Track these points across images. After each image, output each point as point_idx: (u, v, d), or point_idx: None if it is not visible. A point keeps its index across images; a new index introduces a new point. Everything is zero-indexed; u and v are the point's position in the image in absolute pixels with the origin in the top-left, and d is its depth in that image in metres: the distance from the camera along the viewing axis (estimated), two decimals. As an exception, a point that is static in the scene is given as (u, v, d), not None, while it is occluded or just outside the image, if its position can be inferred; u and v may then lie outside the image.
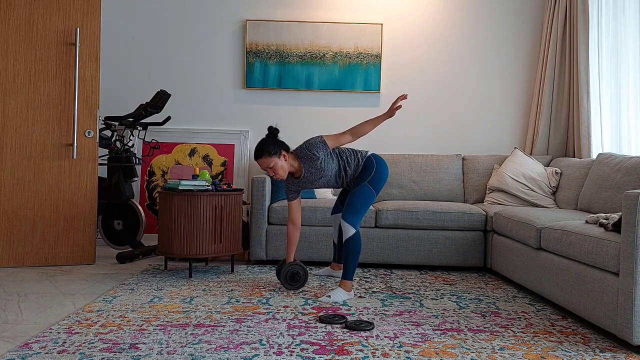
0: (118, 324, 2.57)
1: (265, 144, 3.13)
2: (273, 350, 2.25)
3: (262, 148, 3.12)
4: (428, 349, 2.31)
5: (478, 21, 4.96)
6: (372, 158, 3.28)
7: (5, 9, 3.81)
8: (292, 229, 3.32)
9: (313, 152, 3.13)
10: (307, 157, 3.15)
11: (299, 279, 3.27)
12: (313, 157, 3.14)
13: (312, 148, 3.14)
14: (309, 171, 3.18)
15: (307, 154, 3.15)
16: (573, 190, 4.01)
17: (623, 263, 2.35)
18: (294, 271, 3.26)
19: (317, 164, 3.15)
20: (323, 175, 3.21)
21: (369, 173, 3.22)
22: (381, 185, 3.25)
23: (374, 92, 4.92)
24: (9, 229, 3.82)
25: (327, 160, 3.17)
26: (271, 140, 3.16)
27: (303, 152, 3.16)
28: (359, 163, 3.26)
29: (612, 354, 2.32)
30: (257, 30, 4.91)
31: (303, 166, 3.18)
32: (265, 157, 3.11)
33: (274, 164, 3.12)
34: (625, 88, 4.11)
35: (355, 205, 3.15)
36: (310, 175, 3.20)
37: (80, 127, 3.94)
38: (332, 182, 3.29)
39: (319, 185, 3.29)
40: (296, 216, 3.32)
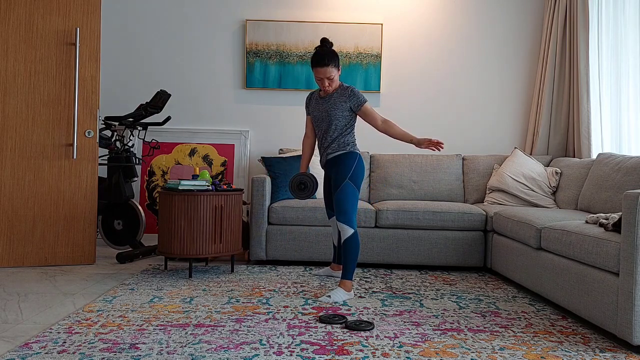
0: (118, 324, 2.57)
1: (332, 53, 3.18)
2: (273, 350, 2.25)
3: (329, 56, 3.16)
4: (428, 349, 2.31)
5: (478, 21, 4.96)
6: (357, 153, 3.29)
7: (5, 9, 3.81)
8: (306, 141, 3.49)
9: (351, 92, 3.21)
10: (344, 88, 3.24)
11: (307, 188, 3.33)
12: (347, 94, 3.21)
13: (354, 90, 3.23)
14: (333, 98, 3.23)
15: (347, 88, 3.23)
16: (573, 190, 4.01)
17: (623, 263, 2.35)
18: (302, 180, 3.33)
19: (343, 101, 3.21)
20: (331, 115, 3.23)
21: (350, 167, 3.21)
22: (361, 179, 3.26)
23: (374, 92, 4.92)
24: (9, 229, 3.82)
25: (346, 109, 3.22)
26: (334, 52, 3.20)
27: (346, 85, 3.26)
28: (346, 142, 3.27)
29: (612, 354, 2.32)
30: (257, 30, 4.91)
31: (335, 91, 3.25)
32: (331, 66, 3.16)
33: (335, 76, 3.20)
34: (625, 88, 4.11)
35: (344, 206, 3.16)
36: (326, 103, 3.25)
37: (80, 127, 3.94)
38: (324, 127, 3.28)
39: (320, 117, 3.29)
40: (309, 130, 3.48)
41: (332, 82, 3.21)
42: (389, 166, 4.61)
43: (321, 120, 3.31)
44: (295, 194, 3.34)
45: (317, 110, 3.33)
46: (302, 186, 3.33)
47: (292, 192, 3.36)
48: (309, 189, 3.32)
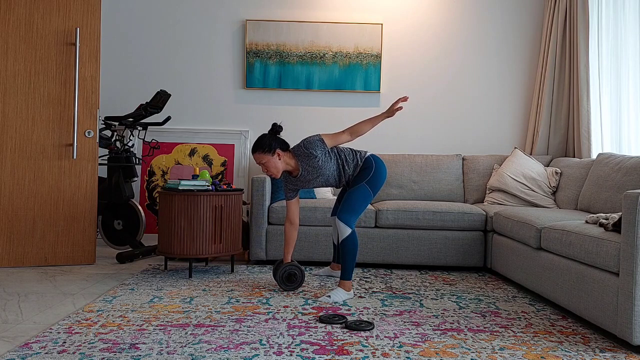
0: (118, 324, 2.57)
1: (262, 140, 3.15)
2: (273, 350, 2.25)
3: (258, 143, 3.15)
4: (428, 349, 2.31)
5: (478, 21, 4.96)
6: (371, 158, 3.27)
7: (5, 9, 3.81)
8: (289, 229, 3.32)
9: (310, 151, 3.12)
10: (304, 156, 3.14)
11: (295, 280, 3.26)
12: (310, 155, 3.13)
13: (309, 147, 3.12)
14: (306, 170, 3.18)
15: (305, 152, 3.13)
16: (573, 190, 4.01)
17: (623, 263, 2.35)
18: (291, 272, 3.25)
19: (314, 162, 3.14)
20: (321, 175, 3.19)
21: (368, 173, 3.22)
22: (379, 186, 3.25)
23: (374, 92, 4.92)
24: (9, 229, 3.82)
25: (325, 159, 3.16)
26: (269, 137, 3.16)
27: (300, 150, 3.15)
28: (357, 163, 3.26)
29: (612, 354, 2.32)
30: (257, 30, 4.91)
31: (300, 165, 3.17)
32: (259, 152, 3.13)
33: (267, 161, 3.13)
34: (625, 88, 4.11)
35: (352, 204, 3.15)
36: (307, 175, 3.19)
37: (80, 127, 3.94)
38: (331, 182, 3.28)
39: (316, 185, 3.28)
40: (294, 215, 3.31)
41: (269, 167, 3.13)
42: (389, 166, 4.61)
43: (327, 183, 3.26)
44: (284, 285, 3.24)
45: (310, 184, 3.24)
46: (291, 278, 3.25)
47: (279, 284, 3.25)
48: (297, 281, 3.26)
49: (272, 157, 3.13)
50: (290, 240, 3.32)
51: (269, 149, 3.12)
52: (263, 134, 3.20)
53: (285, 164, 3.17)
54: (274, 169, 3.15)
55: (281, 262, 3.36)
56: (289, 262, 3.27)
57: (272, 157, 3.13)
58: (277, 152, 3.13)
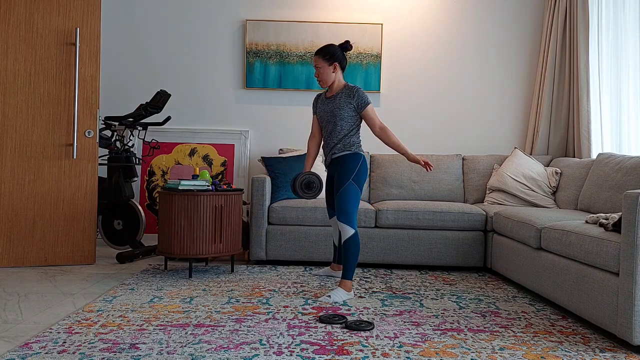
0: (118, 324, 2.57)
1: (330, 47, 3.29)
2: (273, 350, 2.25)
3: (325, 48, 3.29)
4: (428, 349, 2.31)
5: (478, 21, 4.96)
6: (362, 154, 3.29)
7: (5, 9, 3.81)
8: (312, 141, 3.47)
9: (356, 92, 3.22)
10: (349, 88, 3.25)
11: (314, 187, 3.30)
12: (352, 95, 3.22)
13: (358, 90, 3.23)
14: (339, 97, 3.25)
15: (352, 89, 3.24)
16: (573, 190, 4.01)
17: (623, 263, 2.35)
18: (310, 180, 3.30)
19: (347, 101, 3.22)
20: (339, 113, 3.24)
21: (354, 168, 3.22)
22: (364, 180, 3.27)
23: (374, 92, 4.92)
24: (9, 229, 3.82)
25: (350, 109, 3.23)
26: (336, 49, 3.29)
27: (351, 85, 3.27)
28: (352, 144, 3.27)
29: (612, 354, 2.32)
30: (257, 30, 4.91)
31: (340, 93, 3.27)
32: (321, 56, 3.28)
33: (322, 67, 3.27)
34: (625, 88, 4.11)
35: (345, 206, 3.16)
36: (337, 100, 3.26)
37: (80, 127, 3.94)
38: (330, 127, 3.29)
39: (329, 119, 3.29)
40: (316, 130, 3.46)
41: (321, 73, 3.28)
42: (389, 166, 4.61)
43: (327, 121, 3.31)
44: (301, 192, 3.29)
45: (323, 111, 3.34)
46: (311, 185, 3.29)
47: (297, 191, 3.29)
48: (316, 188, 3.30)
49: (328, 67, 3.27)
50: (312, 152, 3.46)
51: (331, 58, 3.26)
52: (333, 44, 3.32)
53: (333, 79, 3.29)
54: (326, 77, 3.28)
55: (299, 173, 3.38)
56: (308, 172, 3.33)
57: (328, 67, 3.27)
58: (335, 64, 3.27)
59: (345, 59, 3.34)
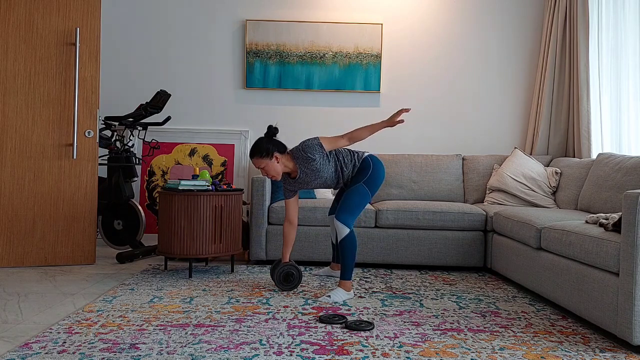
0: (118, 324, 2.57)
1: (259, 144, 3.14)
2: (273, 350, 2.25)
3: (255, 148, 3.14)
4: (428, 349, 2.31)
5: (478, 21, 4.96)
6: (368, 159, 3.27)
7: (5, 9, 3.81)
8: (288, 228, 3.31)
9: (308, 155, 3.11)
10: (302, 159, 3.14)
11: (293, 280, 3.25)
12: (309, 159, 3.12)
13: (307, 150, 3.12)
14: (304, 172, 3.18)
15: (303, 156, 3.13)
16: (573, 190, 4.01)
17: (623, 263, 2.35)
18: (288, 272, 3.25)
19: (312, 165, 3.14)
20: (319, 177, 3.19)
21: (365, 174, 3.22)
22: (377, 186, 3.25)
23: (374, 92, 4.92)
24: (9, 229, 3.82)
25: (323, 162, 3.16)
26: (265, 141, 3.15)
27: (299, 153, 3.15)
28: (355, 164, 3.26)
29: (612, 354, 2.32)
30: (257, 30, 4.91)
31: (299, 167, 3.16)
32: (257, 157, 3.13)
33: (265, 165, 3.13)
34: (625, 88, 4.11)
35: (350, 205, 3.15)
36: (305, 177, 3.19)
37: (80, 127, 3.94)
38: (329, 183, 3.28)
39: (315, 186, 3.28)
40: (293, 215, 3.31)
41: (269, 171, 3.13)
42: (389, 166, 4.61)
43: (325, 184, 3.27)
44: (281, 285, 3.25)
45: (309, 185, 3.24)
46: (289, 278, 3.24)
47: (276, 284, 3.26)
48: (294, 281, 3.25)
49: (270, 161, 3.12)
50: (289, 240, 3.31)
51: (267, 153, 3.11)
52: (260, 138, 3.18)
53: (283, 167, 3.17)
54: (274, 172, 3.15)
55: (279, 261, 3.35)
56: (287, 262, 3.27)
57: (270, 161, 3.12)
58: (275, 155, 3.12)
59: (278, 142, 3.17)
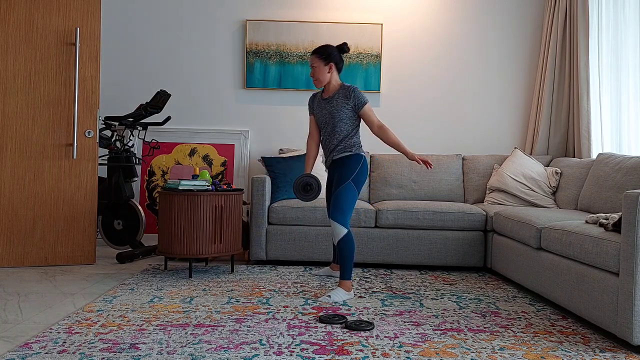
0: (118, 324, 2.57)
1: (327, 47, 3.29)
2: (273, 350, 2.25)
3: (321, 48, 3.29)
4: (428, 349, 2.31)
5: (478, 21, 4.96)
6: (362, 155, 3.29)
7: (5, 9, 3.81)
8: (310, 143, 3.44)
9: (352, 93, 3.21)
10: (346, 90, 3.24)
11: (311, 189, 3.29)
12: (349, 95, 3.21)
13: (355, 90, 3.22)
14: (335, 99, 3.25)
15: (348, 89, 3.24)
16: (573, 190, 4.01)
17: (623, 263, 2.35)
18: (308, 182, 3.29)
19: (344, 102, 3.22)
20: (334, 116, 3.23)
21: (353, 170, 3.22)
22: (363, 182, 3.27)
23: (374, 92, 4.92)
24: (9, 229, 3.82)
25: (350, 110, 3.23)
26: (333, 49, 3.29)
27: (348, 86, 3.26)
28: (352, 145, 3.27)
29: (612, 354, 2.32)
30: (257, 30, 4.91)
31: (336, 93, 3.26)
32: (317, 55, 3.27)
33: (318, 66, 3.27)
34: (625, 88, 4.11)
35: (341, 205, 3.16)
36: (329, 104, 3.26)
37: (80, 127, 3.94)
38: (329, 129, 3.28)
39: (323, 119, 3.30)
40: (314, 132, 3.43)
41: (316, 72, 3.27)
42: (389, 166, 4.61)
43: (325, 123, 3.31)
44: (300, 195, 3.29)
45: (321, 113, 3.33)
46: (308, 187, 3.29)
47: (296, 194, 3.31)
48: (314, 190, 3.29)
49: (324, 66, 3.26)
50: (311, 153, 3.44)
51: (327, 58, 3.26)
52: (330, 45, 3.32)
53: (329, 79, 3.29)
54: (321, 76, 3.27)
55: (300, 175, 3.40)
56: (307, 174, 3.33)
57: (324, 66, 3.26)
58: (331, 65, 3.27)
59: (342, 61, 3.33)
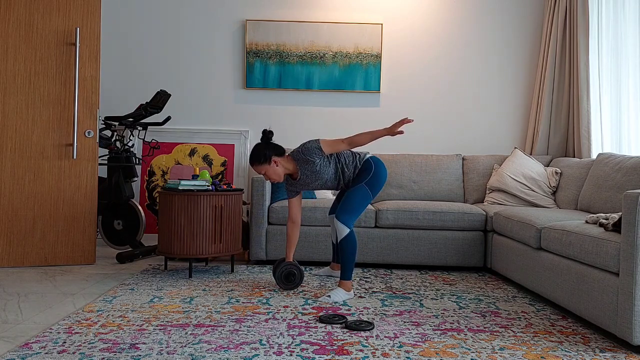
0: (118, 324, 2.57)
1: (257, 151, 3.17)
2: (273, 350, 2.25)
3: (253, 155, 3.18)
4: (428, 349, 2.31)
5: (478, 21, 4.96)
6: (370, 160, 3.28)
7: (5, 9, 3.81)
8: (291, 227, 3.33)
9: (308, 157, 3.13)
10: (303, 161, 3.16)
11: (294, 279, 3.26)
12: (308, 161, 3.15)
13: (307, 153, 3.14)
14: (305, 174, 3.20)
15: (303, 158, 3.15)
16: (573, 190, 4.01)
17: (623, 263, 2.35)
18: (290, 271, 3.25)
19: (312, 167, 3.16)
20: (319, 178, 3.21)
21: (367, 175, 3.22)
22: (379, 187, 3.25)
23: (374, 92, 4.92)
24: (9, 229, 3.82)
25: (323, 164, 3.18)
26: (263, 147, 3.18)
27: (299, 155, 3.17)
28: (357, 165, 3.27)
29: (612, 354, 2.32)
30: (257, 30, 4.91)
31: (299, 169, 3.19)
32: (256, 164, 3.17)
33: (266, 171, 3.18)
34: (625, 88, 4.11)
35: (350, 205, 3.16)
36: (306, 178, 3.21)
37: (80, 127, 3.94)
38: (330, 184, 3.29)
39: (316, 187, 3.29)
40: (296, 214, 3.32)
41: (270, 175, 3.18)
42: (389, 166, 4.61)
43: (324, 185, 3.28)
44: (282, 284, 3.25)
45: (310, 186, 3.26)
46: (290, 277, 3.25)
47: (278, 283, 3.26)
48: (296, 280, 3.26)
49: (270, 166, 3.17)
50: (292, 239, 3.33)
51: (265, 159, 3.15)
52: (257, 144, 3.21)
53: (284, 169, 3.20)
54: (275, 176, 3.19)
55: (282, 260, 3.36)
56: (289, 262, 3.28)
57: (270, 166, 3.17)
58: (274, 159, 3.17)
59: (275, 145, 3.21)
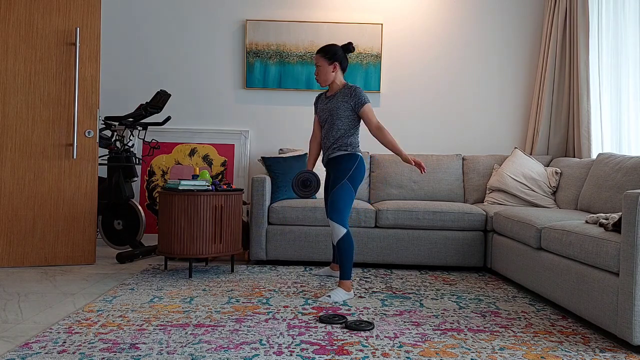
0: (118, 324, 2.57)
1: (332, 47, 3.32)
2: (273, 350, 2.25)
3: (326, 48, 3.32)
4: (428, 349, 2.31)
5: (478, 21, 4.96)
6: (359, 155, 3.30)
7: (5, 9, 3.81)
8: (312, 141, 3.52)
9: (353, 92, 3.23)
10: (348, 90, 3.26)
11: (310, 185, 3.31)
12: (351, 95, 3.23)
13: (357, 90, 3.24)
14: (336, 99, 3.28)
15: (350, 89, 3.26)
16: (573, 190, 4.01)
17: (623, 263, 2.35)
18: (306, 177, 3.31)
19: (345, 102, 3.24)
20: (334, 114, 3.26)
21: (351, 166, 3.23)
22: (359, 181, 3.28)
23: (374, 92, 4.92)
24: (9, 229, 3.82)
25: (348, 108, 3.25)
26: (338, 49, 3.32)
27: (351, 85, 3.29)
28: (349, 144, 3.27)
29: (612, 354, 2.32)
30: (257, 30, 4.91)
31: (339, 92, 3.29)
32: (321, 54, 3.31)
33: (322, 66, 3.30)
34: (625, 88, 4.11)
35: (337, 204, 3.17)
36: (331, 103, 3.29)
37: (80, 127, 3.94)
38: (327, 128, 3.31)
39: (323, 119, 3.33)
40: (317, 133, 3.50)
41: (320, 72, 3.30)
42: (389, 166, 4.61)
43: (325, 120, 3.33)
44: (298, 190, 3.31)
45: (322, 110, 3.36)
46: (306, 183, 3.30)
47: (294, 188, 3.32)
48: (312, 187, 3.30)
49: (328, 66, 3.29)
50: (313, 151, 3.52)
51: (331, 57, 3.29)
52: (335, 44, 3.35)
53: (333, 78, 3.32)
54: (324, 76, 3.31)
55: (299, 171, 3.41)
56: (307, 170, 3.35)
57: (328, 66, 3.29)
58: (335, 64, 3.30)
59: (347, 60, 3.35)
